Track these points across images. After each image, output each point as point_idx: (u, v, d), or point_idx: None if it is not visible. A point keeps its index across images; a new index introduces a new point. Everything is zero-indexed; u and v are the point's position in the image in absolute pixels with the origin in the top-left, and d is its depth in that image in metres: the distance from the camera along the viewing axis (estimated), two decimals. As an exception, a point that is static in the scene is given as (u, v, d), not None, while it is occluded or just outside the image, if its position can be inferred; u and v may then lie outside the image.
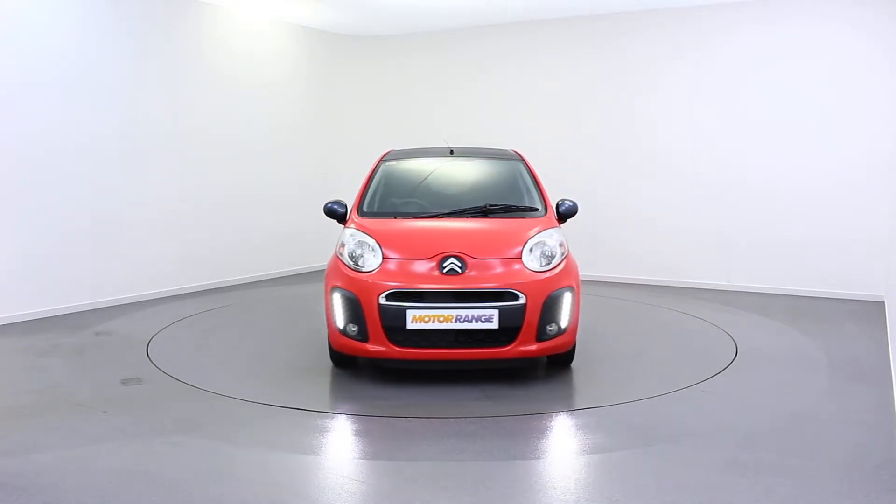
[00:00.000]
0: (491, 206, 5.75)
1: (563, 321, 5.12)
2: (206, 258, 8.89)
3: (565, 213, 5.88)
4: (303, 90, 10.34)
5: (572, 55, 9.70)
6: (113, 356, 5.89)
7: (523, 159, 6.37)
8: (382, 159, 6.61)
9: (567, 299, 5.13)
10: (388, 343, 4.96)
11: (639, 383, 5.26)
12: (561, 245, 5.35)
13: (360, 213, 5.82)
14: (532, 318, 4.95)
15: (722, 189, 8.91)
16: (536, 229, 5.38)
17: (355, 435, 4.30)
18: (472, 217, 5.65)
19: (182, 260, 8.59)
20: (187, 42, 8.60)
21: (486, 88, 10.26)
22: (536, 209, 5.81)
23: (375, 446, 4.08)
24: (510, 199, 5.91)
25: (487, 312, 4.89)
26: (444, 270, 5.01)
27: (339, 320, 5.10)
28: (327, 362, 5.65)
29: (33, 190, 7.11)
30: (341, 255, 5.30)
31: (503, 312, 4.90)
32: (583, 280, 9.41)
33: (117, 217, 7.86)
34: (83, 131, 7.50)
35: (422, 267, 5.05)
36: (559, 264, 5.22)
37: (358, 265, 5.14)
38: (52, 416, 4.52)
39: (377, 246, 5.19)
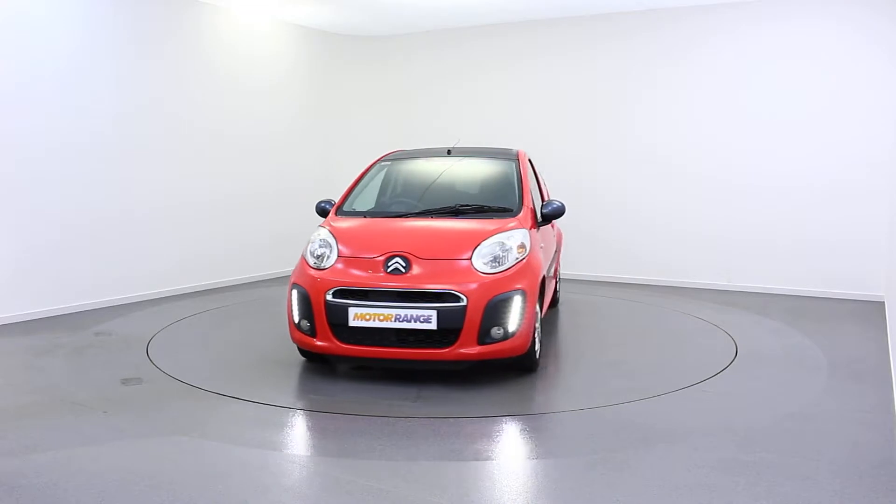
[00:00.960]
0: (462, 206, 5.76)
1: (511, 325, 4.94)
2: (206, 258, 8.89)
3: (550, 215, 5.88)
4: (302, 90, 10.34)
5: (572, 55, 9.70)
6: (113, 356, 5.89)
7: (519, 159, 6.31)
8: (379, 161, 6.72)
9: (516, 303, 4.96)
10: (333, 339, 5.07)
11: (639, 383, 5.26)
12: (521, 247, 5.21)
13: (338, 212, 5.98)
14: (473, 320, 4.85)
15: (722, 189, 8.91)
16: (497, 230, 5.28)
17: (355, 435, 4.29)
18: (441, 217, 5.65)
19: (182, 260, 8.59)
20: (187, 42, 8.60)
21: (486, 88, 10.26)
22: (511, 209, 5.67)
23: (376, 446, 4.08)
24: (490, 199, 5.87)
25: (426, 313, 4.88)
26: (389, 270, 5.06)
27: (295, 315, 5.28)
28: (326, 363, 5.65)
29: (33, 190, 7.11)
30: (304, 252, 5.47)
31: (442, 313, 4.87)
32: (582, 280, 9.49)
33: (117, 217, 7.87)
34: (83, 131, 7.50)
35: (368, 266, 5.13)
36: (512, 266, 5.07)
37: (318, 263, 5.29)
38: (52, 416, 4.52)
39: (335, 245, 5.33)
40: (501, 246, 5.13)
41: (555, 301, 7.71)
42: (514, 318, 4.95)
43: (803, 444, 4.08)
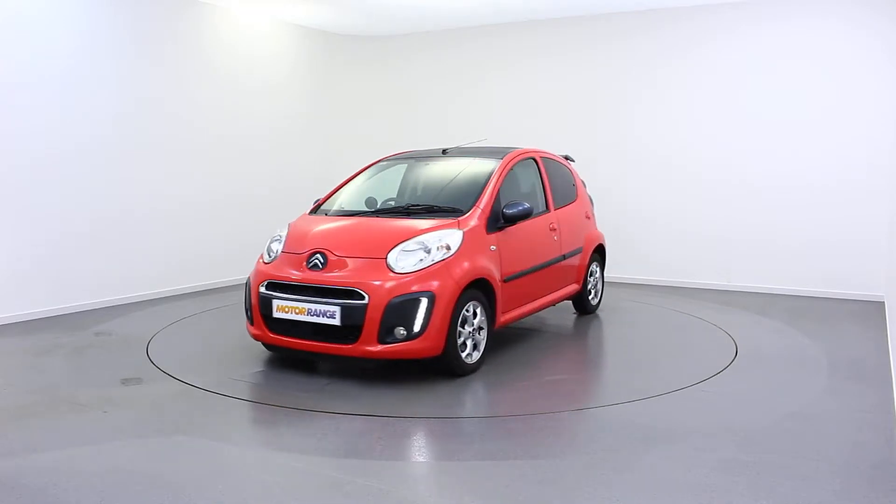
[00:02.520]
0: (412, 206, 5.88)
1: (416, 326, 4.93)
2: (206, 258, 8.89)
3: (513, 216, 5.72)
4: (303, 90, 10.34)
5: (572, 55, 9.70)
6: (113, 356, 5.89)
7: (505, 159, 6.17)
8: (378, 161, 6.88)
9: (422, 304, 4.94)
10: (264, 328, 5.41)
11: (639, 383, 5.26)
12: (444, 248, 5.17)
13: (311, 211, 6.28)
14: (374, 318, 4.91)
15: (722, 189, 8.91)
16: (426, 230, 5.30)
17: (355, 435, 4.30)
18: (389, 216, 5.78)
19: (182, 260, 8.59)
20: (187, 42, 8.60)
21: (486, 89, 10.26)
22: (460, 210, 5.63)
23: (376, 446, 4.08)
24: (449, 199, 5.87)
25: (332, 309, 5.03)
26: (309, 266, 5.28)
27: (244, 305, 5.69)
28: (325, 363, 5.65)
29: (33, 190, 7.11)
30: (266, 247, 5.83)
31: (344, 310, 4.98)
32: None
33: (117, 217, 7.87)
34: (82, 131, 7.51)
35: (296, 261, 5.38)
36: (428, 267, 5.05)
37: (267, 258, 5.65)
38: (52, 416, 4.53)
39: (283, 240, 5.68)
40: (421, 246, 5.16)
41: (584, 307, 7.44)
42: (419, 319, 4.94)
43: (803, 444, 4.08)
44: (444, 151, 6.65)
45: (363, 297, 4.96)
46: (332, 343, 5.09)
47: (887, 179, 7.99)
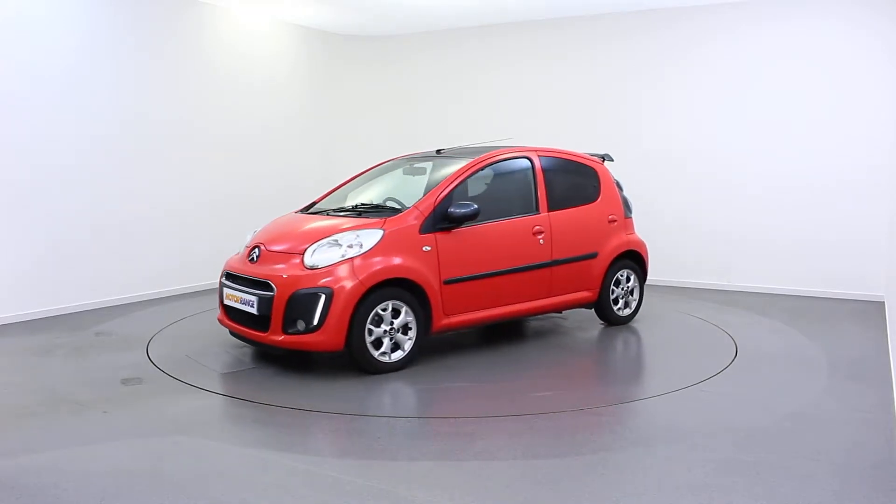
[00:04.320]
0: (362, 205, 6.12)
1: (314, 319, 5.14)
2: (206, 258, 8.87)
3: (457, 218, 5.64)
4: (303, 90, 10.33)
5: (572, 55, 9.69)
6: (113, 356, 5.89)
7: (475, 160, 6.07)
8: (384, 162, 6.95)
9: (320, 299, 5.12)
10: (223, 314, 5.88)
11: (639, 383, 5.26)
12: (360, 246, 5.30)
13: (302, 209, 6.51)
14: (278, 309, 5.21)
15: (722, 189, 8.91)
16: (345, 229, 5.49)
17: (355, 435, 4.30)
18: (344, 216, 5.93)
19: (182, 260, 8.59)
20: (187, 42, 8.60)
21: (486, 89, 10.26)
22: (398, 209, 5.74)
23: (376, 446, 4.08)
24: (405, 199, 5.91)
25: (252, 298, 5.42)
26: (249, 259, 5.74)
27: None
28: (325, 362, 5.66)
29: (33, 190, 7.11)
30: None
31: (259, 301, 5.34)
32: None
33: (117, 217, 7.87)
34: (83, 131, 7.51)
35: (245, 254, 5.86)
36: (336, 264, 5.22)
37: (241, 250, 6.04)
38: (52, 416, 4.53)
39: (254, 235, 6.07)
40: (335, 244, 5.36)
41: (607, 317, 6.94)
42: (317, 314, 5.14)
43: (803, 444, 4.08)
44: (438, 152, 6.66)
45: (273, 290, 5.27)
46: (253, 330, 5.47)
47: (887, 179, 7.99)
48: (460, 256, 5.72)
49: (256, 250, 5.70)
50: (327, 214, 6.07)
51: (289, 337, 5.23)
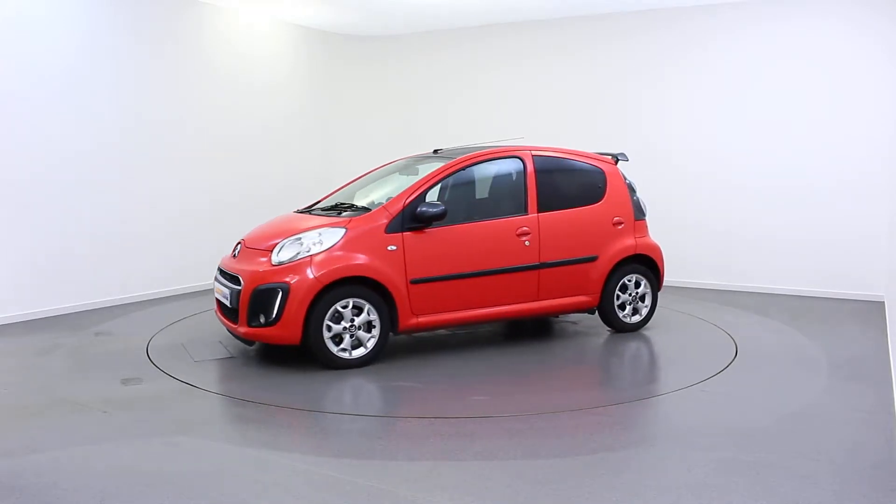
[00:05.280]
0: (340, 203, 6.25)
1: (272, 314, 5.33)
2: (206, 258, 8.86)
3: (425, 218, 5.65)
4: (303, 90, 10.33)
5: (572, 55, 9.69)
6: (113, 356, 5.89)
7: (451, 162, 6.06)
8: (384, 165, 6.98)
9: (278, 295, 5.31)
10: (217, 306, 6.07)
11: (639, 383, 5.26)
12: (320, 244, 5.45)
13: (303, 209, 6.62)
14: (244, 303, 5.46)
15: (722, 189, 8.91)
16: (310, 228, 5.66)
17: (355, 435, 4.30)
18: (325, 215, 6.05)
19: (182, 260, 8.58)
20: (187, 42, 8.60)
21: (486, 89, 10.26)
22: (368, 209, 5.87)
23: (376, 446, 4.08)
24: (380, 199, 6.03)
25: (227, 291, 5.68)
26: (233, 254, 6.03)
27: None
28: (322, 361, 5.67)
29: (33, 190, 7.11)
30: None
31: (231, 294, 5.61)
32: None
33: (117, 217, 7.87)
34: (83, 131, 7.50)
35: (232, 251, 6.15)
36: (296, 261, 5.40)
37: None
38: (52, 416, 4.53)
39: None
40: (299, 241, 5.53)
41: (612, 324, 6.68)
42: (275, 308, 5.33)
43: (803, 444, 4.08)
44: (436, 151, 6.67)
45: (241, 284, 5.51)
46: (229, 321, 5.72)
47: (887, 179, 7.99)
48: (430, 257, 5.73)
49: (239, 247, 6.01)
50: (314, 213, 6.18)
51: (251, 329, 5.46)
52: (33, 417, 4.51)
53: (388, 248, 5.58)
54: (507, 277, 6.06)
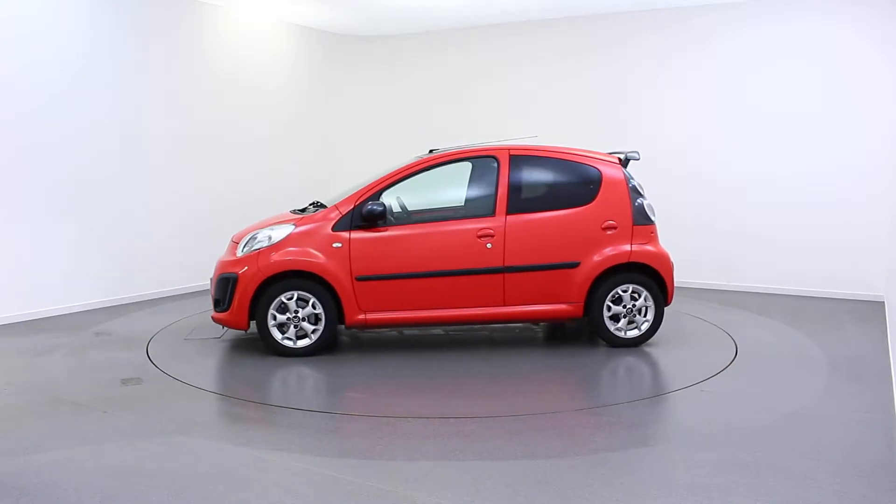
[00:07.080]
0: (315, 202, 6.51)
1: (225, 301, 5.88)
2: (206, 258, 8.85)
3: (367, 217, 5.81)
4: (302, 90, 10.33)
5: (572, 56, 9.69)
6: (113, 356, 5.89)
7: (420, 160, 6.10)
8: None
9: (229, 284, 5.85)
10: None
11: (639, 383, 5.26)
12: (269, 240, 5.85)
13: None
14: (212, 291, 6.11)
15: (722, 189, 8.91)
16: (266, 224, 6.14)
17: (355, 435, 4.30)
18: (299, 214, 6.31)
19: (182, 260, 8.58)
20: (188, 42, 8.60)
21: (486, 89, 10.26)
22: (325, 206, 6.16)
23: (376, 446, 4.08)
24: (341, 197, 6.18)
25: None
26: None
27: None
28: (326, 362, 5.65)
29: (32, 190, 7.11)
30: None
31: (210, 283, 6.24)
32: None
33: (117, 216, 7.87)
34: (83, 131, 7.50)
35: None
36: (248, 254, 5.85)
37: None
38: (52, 416, 4.53)
39: None
40: (252, 237, 5.98)
41: (605, 337, 6.18)
42: (226, 295, 5.87)
43: (803, 444, 4.08)
44: (431, 151, 6.68)
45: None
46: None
47: (887, 179, 7.99)
48: (379, 255, 5.86)
49: (230, 243, 6.40)
50: (307, 213, 6.32)
51: (215, 314, 6.02)
52: (33, 417, 4.51)
53: (334, 245, 5.83)
54: (465, 280, 5.90)
